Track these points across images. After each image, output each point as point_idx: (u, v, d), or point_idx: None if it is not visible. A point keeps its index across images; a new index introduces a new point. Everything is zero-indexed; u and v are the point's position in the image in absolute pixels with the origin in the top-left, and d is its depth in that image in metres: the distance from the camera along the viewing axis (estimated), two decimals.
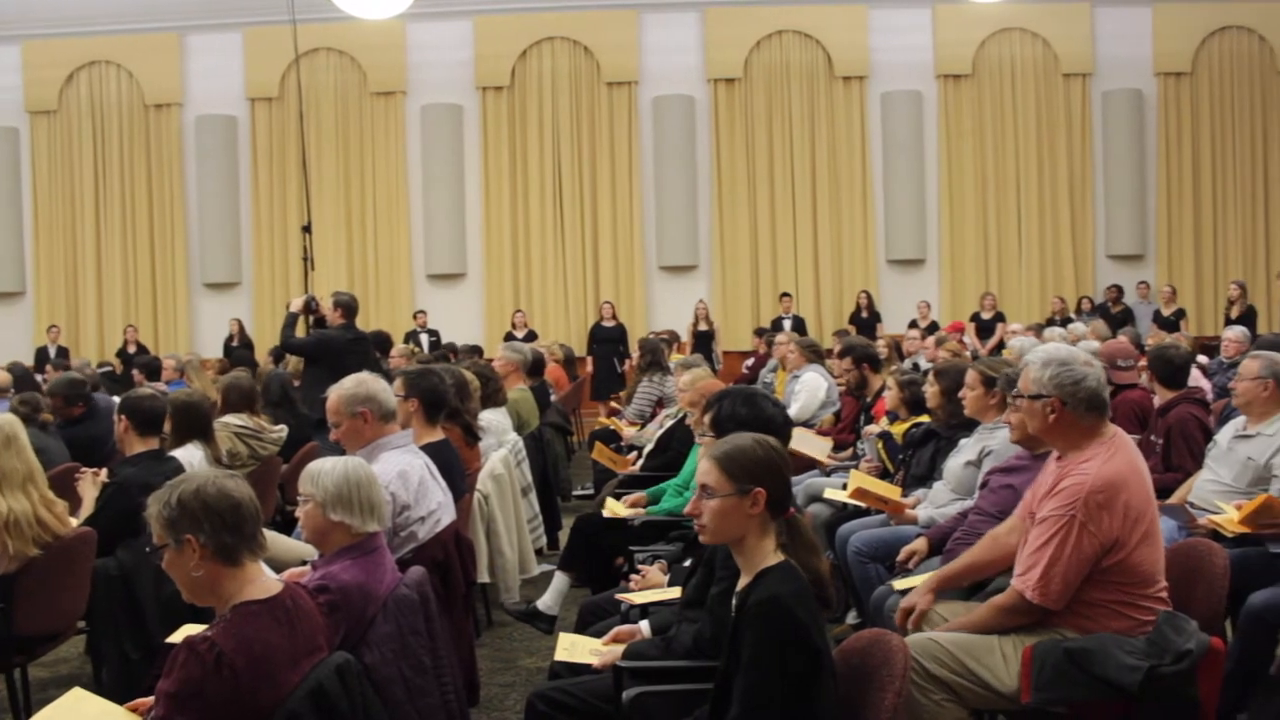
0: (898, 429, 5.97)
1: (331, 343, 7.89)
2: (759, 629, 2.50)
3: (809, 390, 8.28)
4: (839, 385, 8.07)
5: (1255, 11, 15.31)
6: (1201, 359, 9.43)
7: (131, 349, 14.88)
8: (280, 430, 6.37)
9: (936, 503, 4.86)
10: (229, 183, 15.96)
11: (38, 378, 10.50)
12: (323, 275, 13.63)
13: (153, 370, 10.23)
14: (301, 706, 2.45)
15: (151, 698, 2.51)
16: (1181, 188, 15.54)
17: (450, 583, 3.99)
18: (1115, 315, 14.03)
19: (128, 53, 15.85)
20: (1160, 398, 5.93)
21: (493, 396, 6.67)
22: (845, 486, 5.27)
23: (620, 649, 3.30)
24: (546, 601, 5.46)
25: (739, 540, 2.69)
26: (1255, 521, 4.00)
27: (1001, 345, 12.62)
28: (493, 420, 6.43)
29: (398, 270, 15.95)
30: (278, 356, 10.08)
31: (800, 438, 6.60)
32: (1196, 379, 7.31)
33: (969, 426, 4.91)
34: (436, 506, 4.02)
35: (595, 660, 3.33)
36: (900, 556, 4.44)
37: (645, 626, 3.52)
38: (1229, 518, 4.20)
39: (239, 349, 14.51)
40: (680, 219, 15.69)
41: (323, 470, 3.17)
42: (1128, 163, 15.52)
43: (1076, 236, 15.66)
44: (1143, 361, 7.19)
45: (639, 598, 3.91)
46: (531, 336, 14.01)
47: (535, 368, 8.63)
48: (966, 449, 4.81)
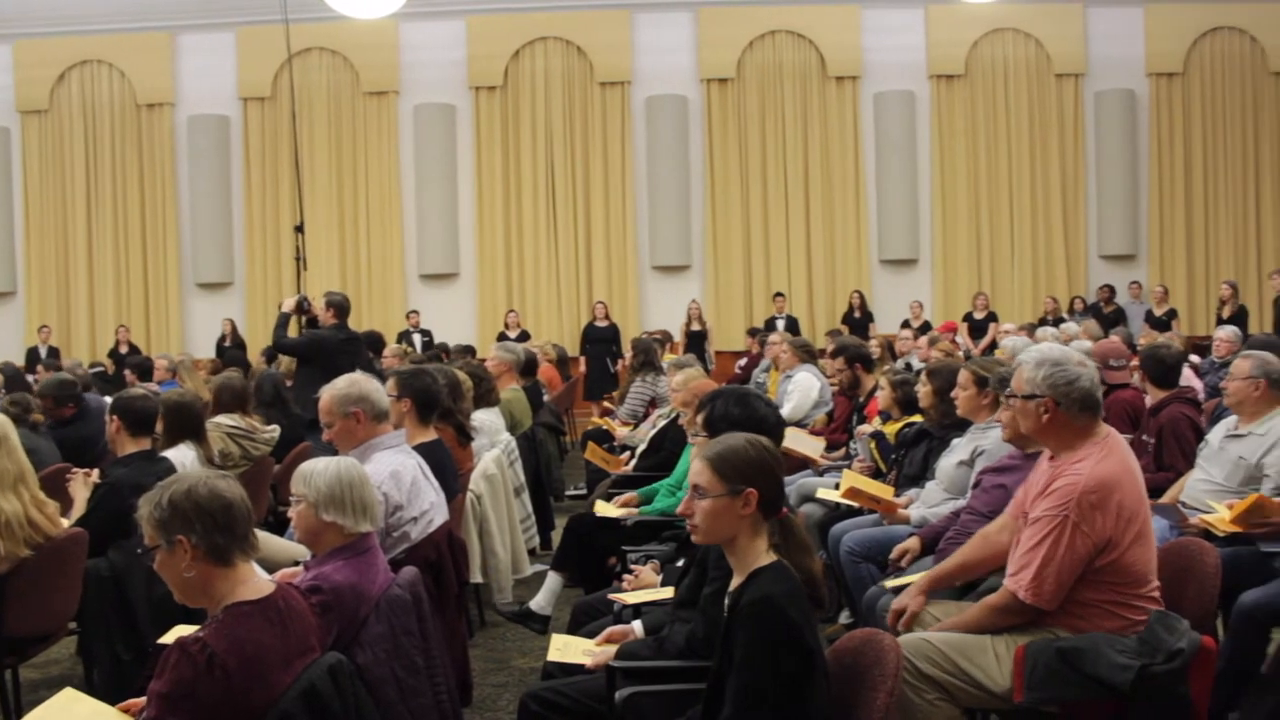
0: (890, 429, 5.99)
1: (324, 343, 7.88)
2: (751, 629, 2.50)
3: (802, 390, 8.30)
4: (832, 385, 8.08)
5: (1246, 12, 15.36)
6: (1193, 359, 9.45)
7: (123, 349, 14.84)
8: (273, 430, 6.37)
9: (929, 502, 4.87)
10: (221, 182, 15.91)
11: (29, 378, 10.47)
12: (315, 275, 13.63)
13: (145, 370, 10.20)
14: (294, 707, 2.45)
15: (143, 698, 2.50)
16: (1173, 188, 15.58)
17: (443, 583, 3.99)
18: (1107, 315, 14.04)
19: (119, 52, 15.81)
20: (1152, 397, 5.95)
21: (485, 396, 6.68)
22: (838, 486, 5.28)
23: (613, 649, 3.30)
24: (539, 602, 5.47)
25: (731, 540, 2.69)
26: (1246, 521, 4.01)
27: (994, 345, 12.63)
28: (485, 420, 6.43)
29: (390, 270, 15.92)
30: (270, 357, 10.06)
31: (793, 438, 6.62)
32: (1188, 379, 7.33)
33: (961, 426, 4.92)
34: (429, 507, 4.02)
35: (588, 660, 3.34)
36: (893, 555, 4.45)
37: (638, 627, 3.51)
38: (1220, 517, 4.20)
39: (231, 349, 14.49)
40: (673, 219, 15.68)
41: (315, 470, 3.16)
42: (1120, 163, 15.55)
43: (1069, 236, 15.69)
44: (1135, 361, 7.22)
45: (632, 598, 3.91)
46: (524, 336, 14.00)
47: (528, 368, 8.63)
48: (959, 449, 4.82)
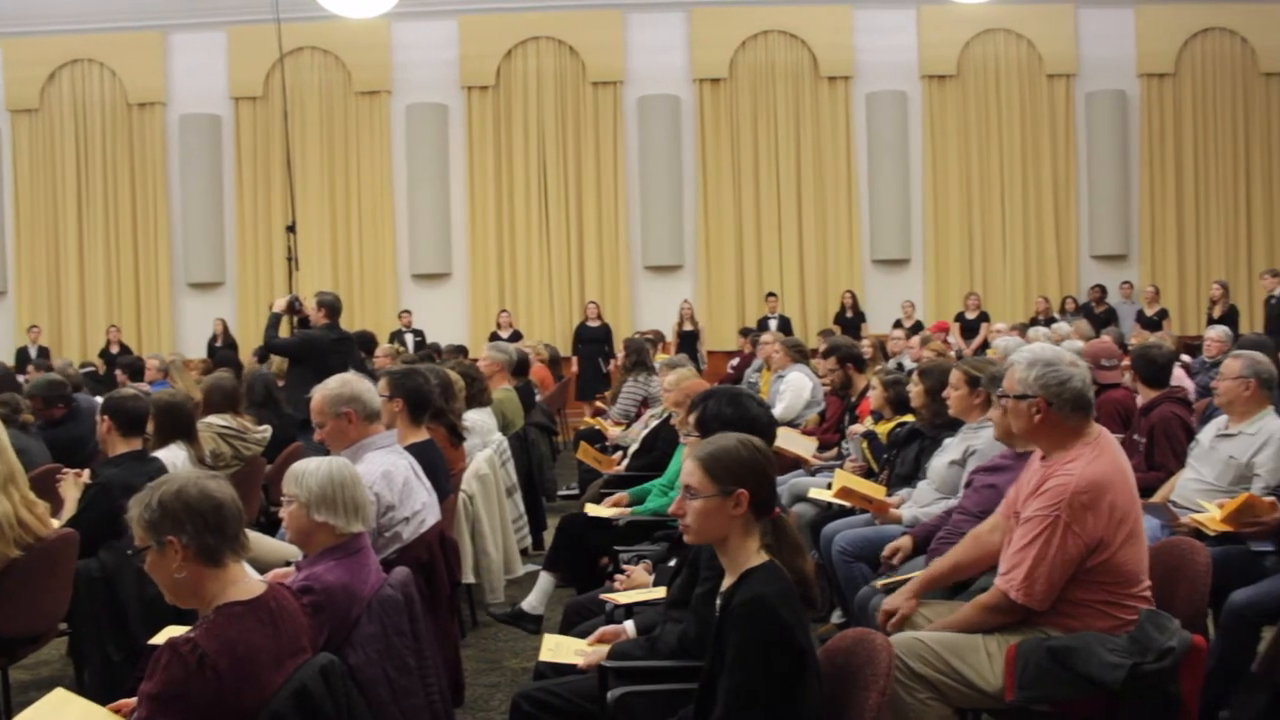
0: (882, 428, 5.99)
1: (315, 343, 7.87)
2: (743, 629, 2.50)
3: (794, 390, 8.29)
4: (824, 385, 8.08)
5: (1237, 13, 15.40)
6: (1184, 358, 9.48)
7: (114, 349, 14.80)
8: (264, 430, 6.35)
9: (921, 502, 4.87)
10: (213, 182, 15.87)
11: (19, 378, 10.43)
12: (307, 275, 13.60)
13: (136, 370, 10.18)
14: (285, 707, 2.44)
15: (134, 699, 2.50)
16: (1164, 188, 15.62)
17: (435, 583, 3.98)
18: (1099, 315, 14.08)
19: (111, 51, 15.76)
20: (1143, 397, 5.96)
21: (477, 396, 6.67)
22: (830, 486, 5.28)
23: (605, 649, 3.30)
24: (531, 602, 5.47)
25: (723, 540, 2.69)
26: (1237, 520, 4.02)
27: (986, 345, 12.65)
28: (477, 420, 6.42)
29: (382, 270, 15.90)
30: (262, 357, 10.05)
31: (785, 437, 6.62)
32: (1179, 378, 7.35)
33: (953, 426, 4.92)
34: (421, 507, 4.01)
35: (580, 660, 3.33)
36: (885, 552, 4.46)
37: (630, 627, 3.51)
38: (1211, 516, 4.21)
39: (223, 349, 14.44)
40: (665, 219, 15.68)
41: (307, 471, 3.16)
42: (1111, 163, 15.58)
43: (1060, 236, 15.72)
44: (1126, 361, 7.23)
45: (624, 598, 3.91)
46: (516, 336, 13.98)
47: (520, 368, 8.62)
48: (951, 448, 4.82)
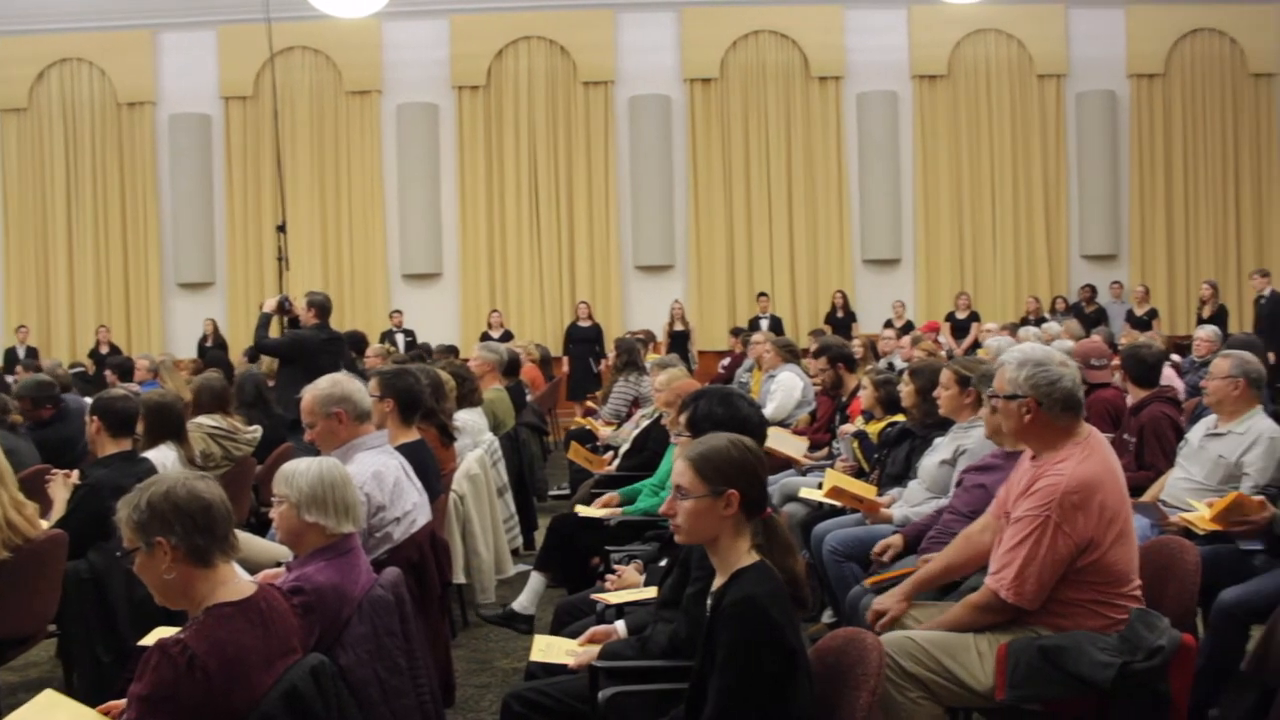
0: (873, 428, 6.00)
1: (305, 343, 7.85)
2: (733, 629, 2.50)
3: (785, 390, 8.31)
4: (814, 385, 8.09)
5: (1226, 14, 15.47)
6: (1174, 358, 9.51)
7: (104, 349, 14.74)
8: (254, 431, 6.34)
9: (911, 501, 4.88)
10: (203, 182, 15.82)
11: (8, 379, 10.40)
12: (298, 275, 13.59)
13: (125, 371, 10.14)
14: (275, 708, 2.43)
15: (123, 701, 2.49)
16: (1154, 188, 15.67)
17: (426, 584, 3.97)
18: (1089, 315, 14.11)
19: (100, 50, 15.69)
20: (1133, 396, 5.98)
21: (468, 396, 6.66)
22: (821, 486, 5.28)
23: (596, 649, 3.30)
24: (523, 602, 5.46)
25: (713, 541, 2.69)
26: (1226, 519, 4.03)
27: (976, 345, 12.68)
28: (468, 420, 6.41)
29: (373, 270, 15.87)
30: (252, 357, 10.02)
31: (776, 437, 6.63)
32: (1169, 378, 7.37)
33: (944, 425, 4.93)
34: (412, 507, 4.00)
35: (571, 661, 3.33)
36: (876, 549, 4.47)
37: (621, 626, 3.51)
38: (1200, 515, 4.22)
39: (213, 349, 14.42)
40: (656, 219, 15.68)
41: (297, 471, 3.15)
42: (1101, 163, 15.63)
43: (1050, 236, 15.76)
44: (1116, 361, 7.26)
45: (615, 598, 3.91)
46: (507, 336, 13.98)
47: (511, 368, 8.62)
48: (941, 448, 4.83)
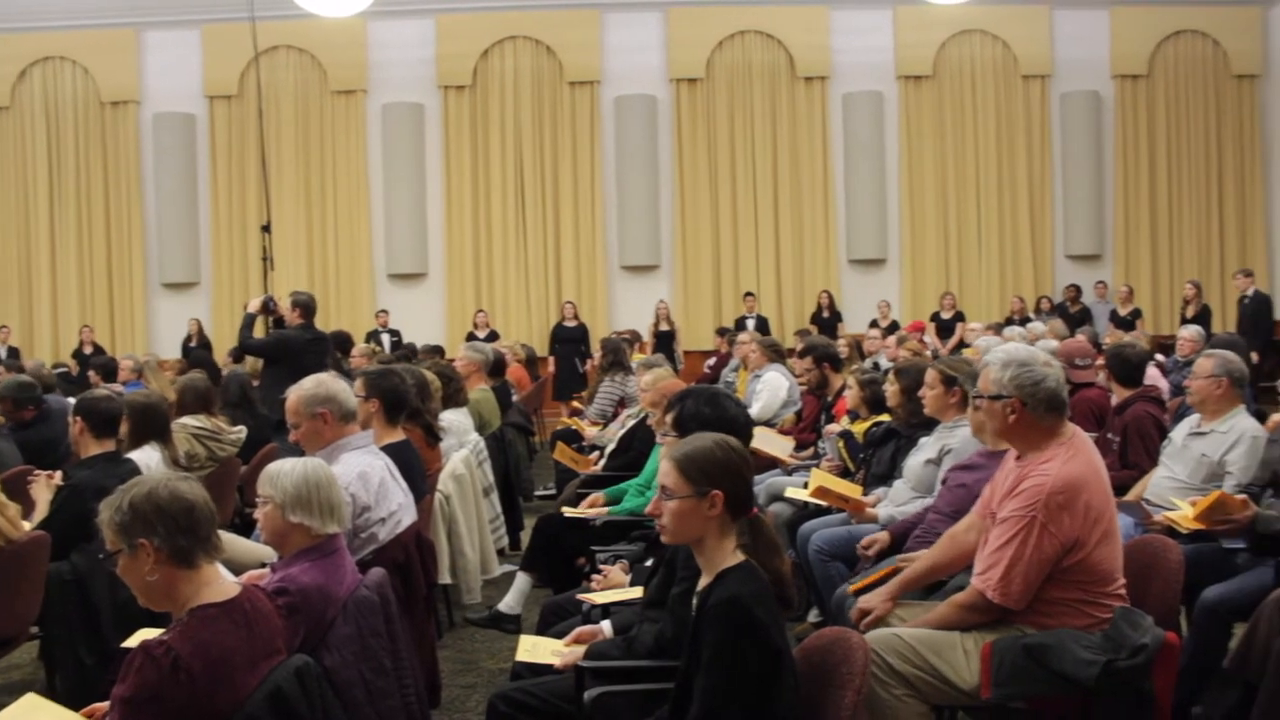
0: (859, 428, 6.01)
1: (290, 343, 7.83)
2: (719, 629, 2.50)
3: (770, 390, 8.32)
4: (800, 385, 8.10)
5: (1209, 16, 15.56)
6: (1158, 358, 9.55)
7: (88, 349, 14.66)
8: (239, 431, 6.32)
9: (897, 501, 4.89)
10: (187, 181, 15.74)
11: None
12: (283, 275, 13.55)
13: (109, 371, 10.10)
14: (260, 710, 2.43)
15: (107, 703, 2.47)
16: (1138, 188, 15.75)
17: (411, 584, 3.96)
18: (1073, 315, 14.17)
19: (83, 49, 15.59)
20: (1117, 396, 6.01)
21: (454, 397, 6.66)
22: (806, 485, 5.29)
23: (582, 649, 3.30)
24: (509, 602, 5.46)
25: (699, 541, 2.69)
26: (1209, 518, 4.05)
27: (961, 344, 12.72)
28: (454, 421, 6.41)
29: (358, 270, 15.82)
30: (236, 357, 9.99)
31: (762, 437, 6.64)
32: (1153, 377, 7.41)
33: (929, 425, 4.94)
34: (397, 508, 3.99)
35: (557, 661, 3.33)
36: (862, 544, 4.48)
37: (607, 627, 3.51)
38: (1184, 514, 4.24)
39: (197, 349, 14.35)
40: (642, 219, 15.68)
41: (282, 471, 3.14)
42: (1085, 164, 15.69)
43: (1035, 237, 15.82)
44: (1100, 360, 7.28)
45: (600, 598, 3.91)
46: (493, 336, 13.96)
47: (497, 368, 8.61)
48: (926, 447, 4.85)
